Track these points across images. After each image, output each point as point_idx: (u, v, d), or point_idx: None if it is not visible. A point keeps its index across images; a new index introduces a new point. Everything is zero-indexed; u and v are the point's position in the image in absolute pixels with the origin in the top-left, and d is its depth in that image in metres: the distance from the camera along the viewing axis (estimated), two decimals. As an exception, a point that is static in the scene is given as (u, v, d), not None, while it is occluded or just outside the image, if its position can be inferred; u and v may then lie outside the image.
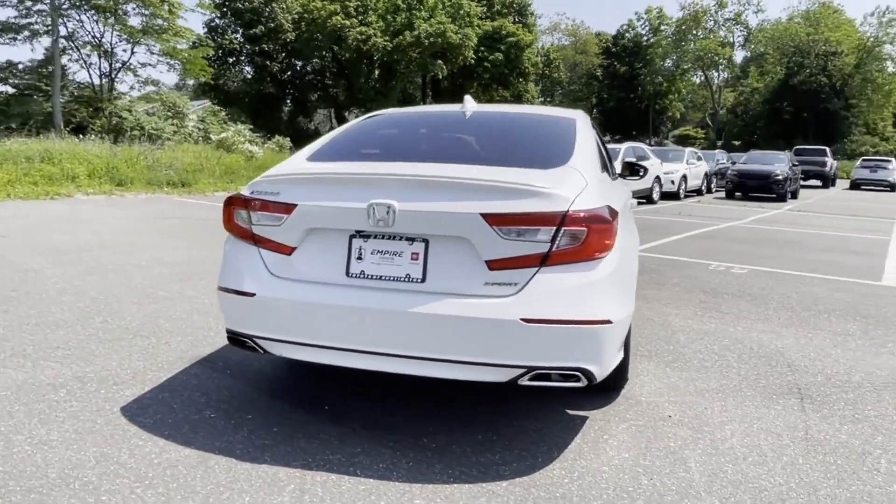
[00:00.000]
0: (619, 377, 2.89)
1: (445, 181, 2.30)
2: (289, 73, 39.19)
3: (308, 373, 3.23)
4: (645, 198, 15.67)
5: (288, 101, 40.65)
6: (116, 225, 8.47)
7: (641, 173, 4.05)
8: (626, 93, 59.61)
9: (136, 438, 2.48)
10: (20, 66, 23.55)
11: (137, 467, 2.26)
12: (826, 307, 4.99)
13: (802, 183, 22.60)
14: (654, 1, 58.91)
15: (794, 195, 19.37)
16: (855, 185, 27.07)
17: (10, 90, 23.53)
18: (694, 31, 55.97)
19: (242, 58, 37.52)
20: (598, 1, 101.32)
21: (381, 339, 2.30)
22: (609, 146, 17.16)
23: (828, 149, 28.19)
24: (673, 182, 17.88)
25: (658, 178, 17.22)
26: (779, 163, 19.62)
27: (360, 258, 2.37)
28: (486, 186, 2.27)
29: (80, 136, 17.68)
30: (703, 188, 20.25)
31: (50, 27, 21.84)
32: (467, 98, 3.45)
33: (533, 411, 2.83)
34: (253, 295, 2.45)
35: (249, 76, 37.81)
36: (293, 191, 2.45)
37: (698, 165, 20.25)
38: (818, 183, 26.36)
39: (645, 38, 59.48)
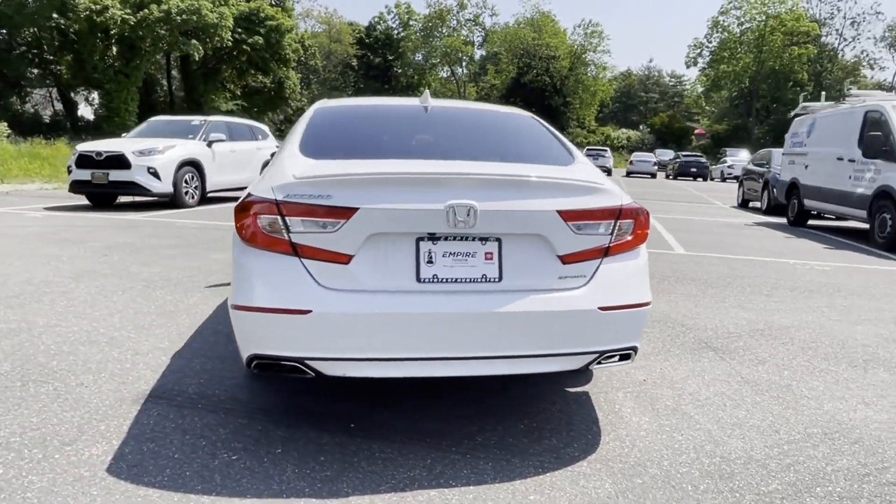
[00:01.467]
0: None
1: (518, 180, 2.31)
2: (-9, 43, 32.00)
3: (292, 388, 2.92)
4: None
5: (-9, 77, 33.18)
6: None
7: None
8: (382, 84, 61.45)
9: None
10: None
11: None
12: (661, 275, 6.02)
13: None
14: (402, -4, 61.44)
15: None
16: None
17: None
18: (440, 29, 60.00)
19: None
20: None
21: (461, 343, 2.24)
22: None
23: (608, 148, 34.26)
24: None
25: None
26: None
27: (430, 262, 2.26)
28: (556, 184, 2.36)
29: None
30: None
31: None
32: (426, 93, 3.41)
33: (540, 395, 3.00)
34: (308, 312, 2.17)
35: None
36: (350, 193, 2.21)
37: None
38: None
39: (396, 31, 61.89)
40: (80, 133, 28.59)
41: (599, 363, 2.42)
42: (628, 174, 34.40)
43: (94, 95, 39.58)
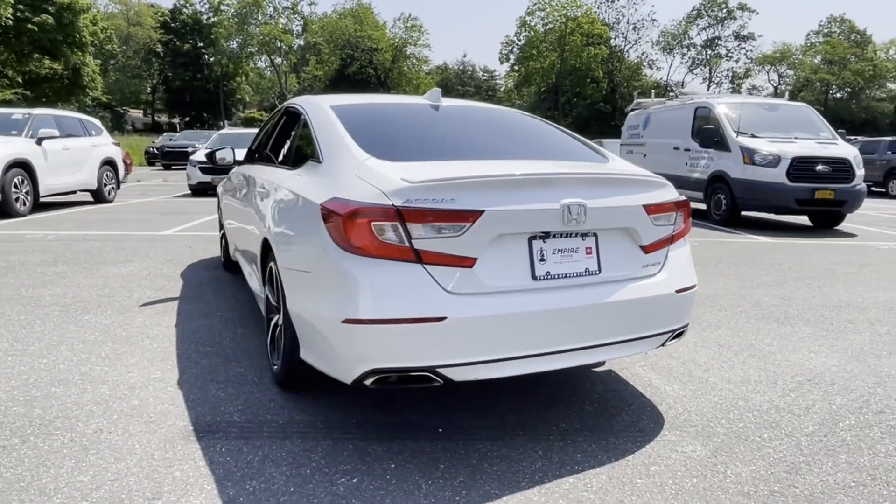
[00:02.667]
0: None
1: (615, 177, 2.46)
2: None
3: (339, 402, 2.79)
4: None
5: None
6: None
7: None
8: (193, 72, 56.90)
9: None
10: None
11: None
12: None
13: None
14: (210, -21, 57.10)
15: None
16: None
17: None
18: (256, 15, 56.99)
19: None
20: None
21: (573, 335, 2.35)
22: (235, 132, 16.74)
23: None
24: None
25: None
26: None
27: (542, 259, 2.33)
28: (639, 181, 2.55)
29: None
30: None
31: None
32: (437, 91, 3.39)
33: (573, 378, 3.20)
34: (443, 319, 2.12)
35: None
36: (473, 196, 2.19)
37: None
38: None
39: (205, 15, 57.54)
40: None
41: (665, 343, 2.68)
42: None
43: None
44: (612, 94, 58.99)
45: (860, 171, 9.09)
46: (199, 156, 14.17)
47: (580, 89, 58.98)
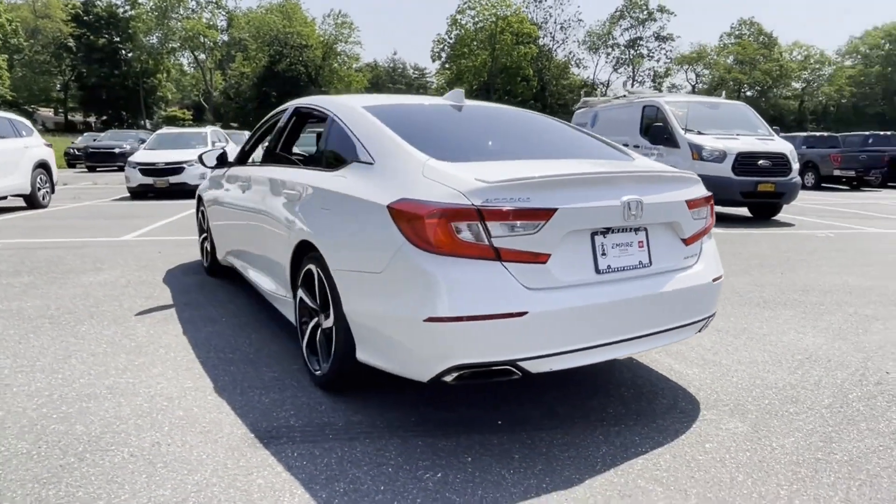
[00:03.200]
0: None
1: (663, 175, 2.61)
2: None
3: (393, 401, 2.82)
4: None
5: None
6: None
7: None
8: (110, 69, 54.00)
9: None
10: None
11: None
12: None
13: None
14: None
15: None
16: None
17: None
18: (177, 9, 54.62)
19: None
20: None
21: (632, 325, 2.48)
22: (174, 131, 16.09)
23: None
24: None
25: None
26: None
27: (604, 254, 2.44)
28: (682, 177, 2.71)
29: None
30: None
31: None
32: (460, 92, 3.44)
33: (597, 368, 3.36)
34: (524, 314, 2.20)
35: None
36: (546, 195, 2.27)
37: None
38: None
39: (121, 8, 54.66)
40: None
41: (701, 329, 2.87)
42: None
43: None
44: (542, 93, 60.46)
45: (796, 165, 9.81)
46: (140, 157, 13.53)
47: (511, 87, 60.08)
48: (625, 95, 12.35)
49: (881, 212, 11.99)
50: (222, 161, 4.63)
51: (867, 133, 22.38)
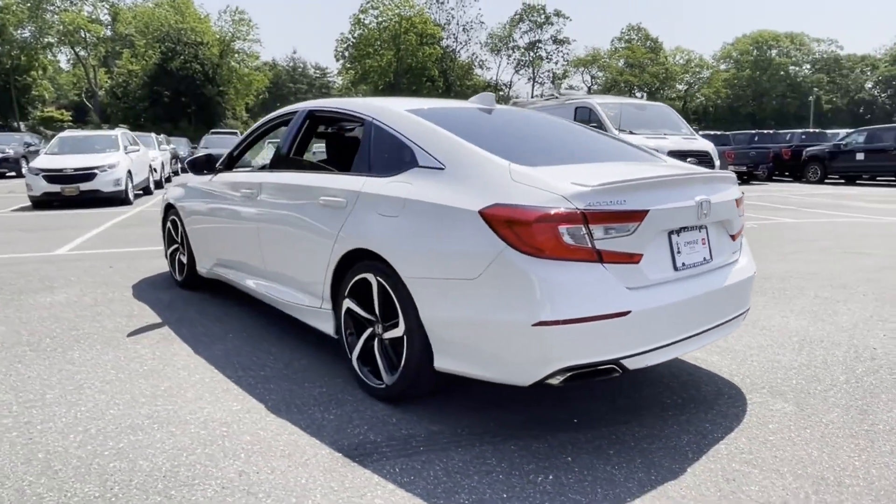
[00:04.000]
0: None
1: (719, 176, 2.76)
2: None
3: (454, 408, 2.80)
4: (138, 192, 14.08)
5: None
6: None
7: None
8: (-27, 65, 48.59)
9: None
10: None
11: None
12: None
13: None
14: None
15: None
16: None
17: None
18: (53, 1, 50.13)
19: None
20: None
21: (705, 317, 2.62)
22: (79, 134, 14.78)
23: None
24: (156, 172, 16.97)
25: (152, 167, 16.06)
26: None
27: (679, 252, 2.55)
28: (730, 178, 2.87)
29: None
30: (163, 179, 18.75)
31: None
32: (490, 95, 3.45)
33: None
34: (627, 313, 2.26)
35: None
36: (639, 197, 2.35)
37: (164, 152, 19.65)
38: None
39: (-15, -1, 49.35)
40: None
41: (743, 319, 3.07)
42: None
43: None
44: (447, 93, 61.12)
45: (718, 162, 10.61)
46: (43, 163, 12.31)
47: (417, 88, 60.33)
48: (555, 97, 12.80)
49: (784, 203, 13.21)
50: (210, 166, 4.35)
51: (753, 132, 24.61)
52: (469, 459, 2.38)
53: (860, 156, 18.65)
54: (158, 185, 16.83)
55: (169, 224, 5.14)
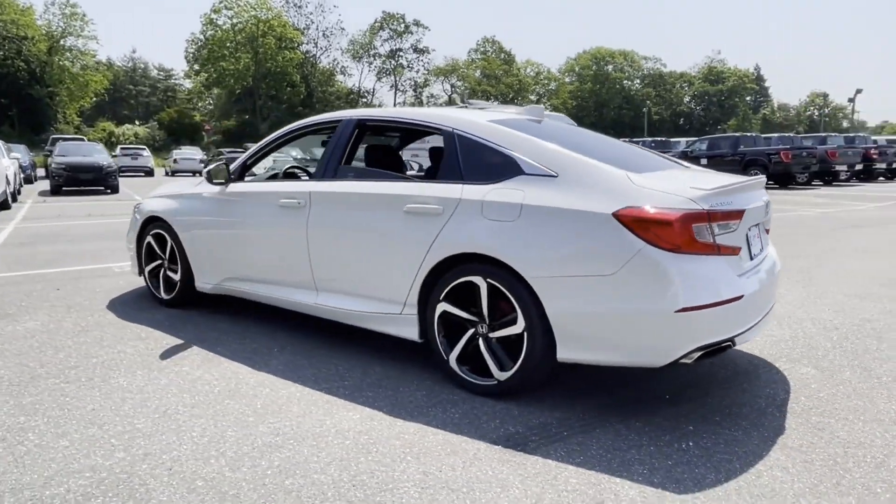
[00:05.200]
0: None
1: (752, 182, 3.25)
2: None
3: (549, 400, 3.05)
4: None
5: None
6: None
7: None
8: None
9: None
10: None
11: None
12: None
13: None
14: None
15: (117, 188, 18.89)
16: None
17: None
18: None
19: None
20: None
21: (766, 304, 3.10)
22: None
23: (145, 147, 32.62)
24: (10, 184, 14.97)
25: (7, 178, 14.12)
26: (98, 153, 19.31)
27: (750, 245, 3.01)
28: (763, 182, 3.39)
29: None
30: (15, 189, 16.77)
31: None
32: (540, 108, 3.71)
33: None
34: (741, 297, 2.67)
35: None
36: (736, 199, 2.77)
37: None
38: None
39: None
40: None
41: (772, 306, 3.63)
42: (173, 173, 32.27)
43: None
44: (309, 98, 59.98)
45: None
46: None
47: (277, 93, 58.52)
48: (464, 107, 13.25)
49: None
50: (230, 175, 4.15)
51: (645, 139, 27.13)
52: (612, 438, 2.64)
53: (703, 161, 21.38)
54: (13, 197, 14.86)
55: (150, 239, 4.76)
